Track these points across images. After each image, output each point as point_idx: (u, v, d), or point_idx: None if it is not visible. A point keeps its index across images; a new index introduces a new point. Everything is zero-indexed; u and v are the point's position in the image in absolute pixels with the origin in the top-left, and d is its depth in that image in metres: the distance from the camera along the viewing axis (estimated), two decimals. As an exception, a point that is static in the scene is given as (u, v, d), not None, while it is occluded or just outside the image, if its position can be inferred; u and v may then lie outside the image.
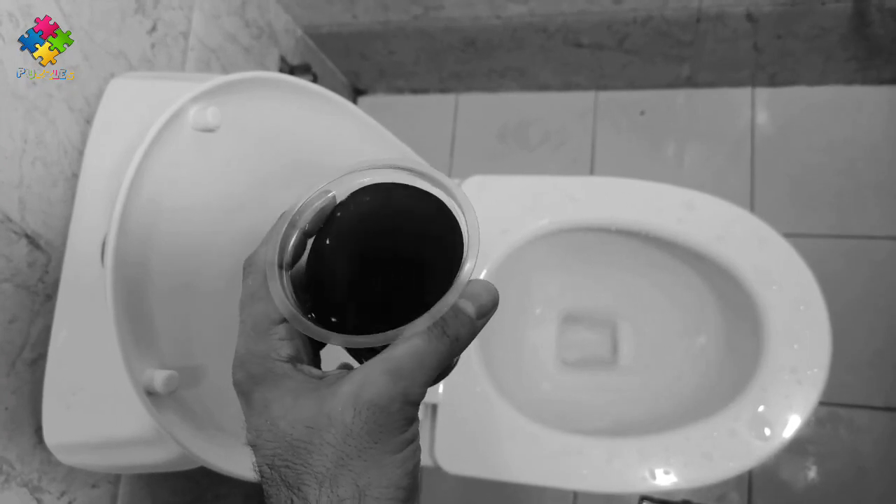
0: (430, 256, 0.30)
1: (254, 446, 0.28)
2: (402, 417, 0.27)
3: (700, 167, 1.19)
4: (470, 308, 0.28)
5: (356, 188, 0.32)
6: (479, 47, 1.12)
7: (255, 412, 0.28)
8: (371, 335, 0.27)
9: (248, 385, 0.29)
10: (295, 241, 0.31)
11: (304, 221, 0.31)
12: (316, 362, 0.32)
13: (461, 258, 0.28)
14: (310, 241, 0.32)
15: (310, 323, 0.28)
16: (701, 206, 0.76)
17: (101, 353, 0.49)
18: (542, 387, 0.90)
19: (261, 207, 0.56)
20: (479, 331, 0.29)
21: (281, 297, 0.29)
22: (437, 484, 1.15)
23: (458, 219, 0.30)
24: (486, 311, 0.29)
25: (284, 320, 0.29)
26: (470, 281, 0.28)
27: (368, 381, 0.27)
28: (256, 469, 0.28)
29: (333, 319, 0.30)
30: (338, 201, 0.32)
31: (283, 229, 0.31)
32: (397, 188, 0.32)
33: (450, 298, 0.27)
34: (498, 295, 0.30)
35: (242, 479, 0.50)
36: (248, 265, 0.31)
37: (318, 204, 0.32)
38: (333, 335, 0.28)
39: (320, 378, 0.29)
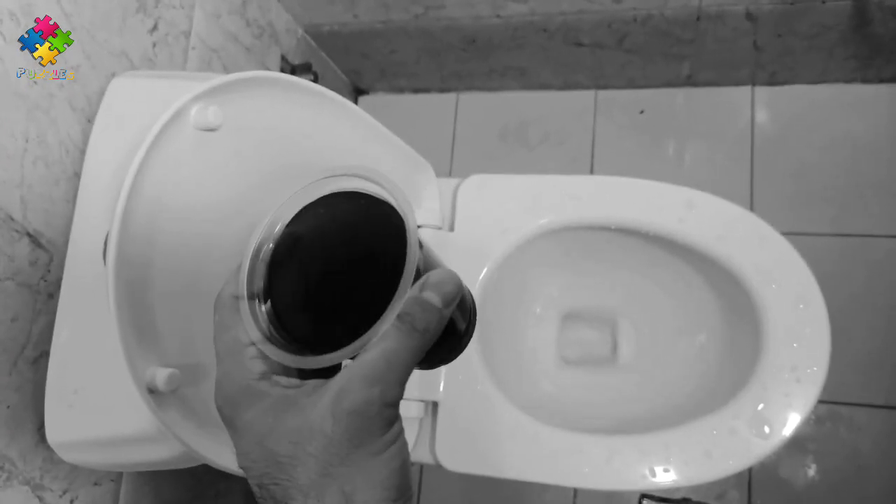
0: (380, 257, 0.30)
1: (245, 469, 0.29)
2: (381, 420, 0.27)
3: (700, 166, 1.19)
4: (435, 298, 0.28)
5: (300, 207, 0.33)
6: (479, 46, 1.12)
7: (240, 435, 0.29)
8: (337, 351, 0.28)
9: (229, 410, 0.29)
10: (260, 272, 0.32)
11: (267, 251, 0.32)
12: (295, 373, 0.31)
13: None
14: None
15: (275, 348, 0.29)
16: (701, 205, 0.76)
17: (103, 352, 0.49)
18: (543, 385, 0.91)
19: (263, 206, 0.56)
20: (447, 319, 0.29)
21: (251, 324, 0.30)
22: (438, 482, 1.15)
23: (399, 212, 0.30)
24: (451, 298, 0.29)
25: (254, 343, 0.30)
26: (432, 272, 0.29)
27: (345, 389, 0.27)
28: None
29: (305, 340, 0.30)
30: (286, 223, 0.33)
31: (248, 261, 0.31)
32: (334, 198, 0.32)
33: (404, 292, 0.27)
34: (460, 280, 0.30)
35: (244, 476, 0.50)
36: (216, 304, 0.32)
37: (276, 231, 0.33)
38: (300, 359, 0.28)
39: (298, 387, 0.29)
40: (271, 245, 0.32)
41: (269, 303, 0.32)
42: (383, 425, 0.28)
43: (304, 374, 0.30)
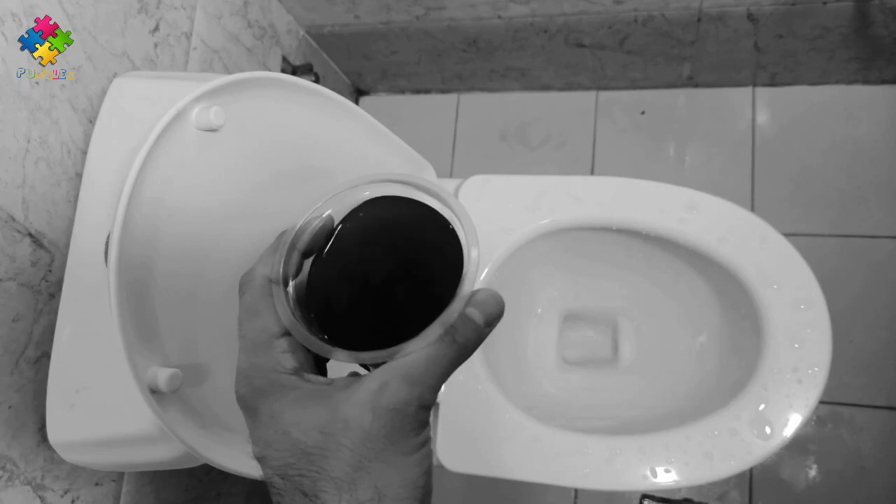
0: (429, 267, 0.31)
1: (261, 458, 0.29)
2: (416, 421, 0.28)
3: (701, 167, 1.19)
4: (478, 316, 0.29)
5: (353, 205, 0.33)
6: (480, 47, 1.12)
7: (262, 425, 0.29)
8: (379, 351, 0.28)
9: (253, 399, 0.29)
10: (294, 260, 0.32)
11: (303, 242, 0.32)
12: (320, 371, 0.32)
13: (461, 267, 0.29)
14: (307, 261, 0.33)
15: (314, 338, 0.29)
16: (702, 206, 0.76)
17: (105, 352, 0.49)
18: (544, 385, 0.91)
19: (264, 207, 0.56)
20: (485, 338, 0.30)
21: (287, 312, 0.29)
22: (440, 482, 1.15)
23: (456, 228, 0.30)
24: (493, 319, 0.30)
25: (285, 334, 0.30)
26: (477, 290, 0.29)
27: (386, 386, 0.27)
28: (265, 479, 0.29)
29: (336, 335, 0.30)
30: (336, 219, 0.33)
31: (286, 248, 0.31)
32: (392, 202, 0.32)
33: (457, 307, 0.28)
34: (503, 303, 0.30)
35: (245, 476, 0.50)
36: (245, 282, 0.31)
37: (316, 224, 0.32)
38: (341, 352, 0.28)
39: (329, 384, 0.29)
40: (309, 238, 0.32)
41: (298, 294, 0.32)
42: (417, 426, 0.28)
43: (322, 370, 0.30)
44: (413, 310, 0.30)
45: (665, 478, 0.70)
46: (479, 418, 0.75)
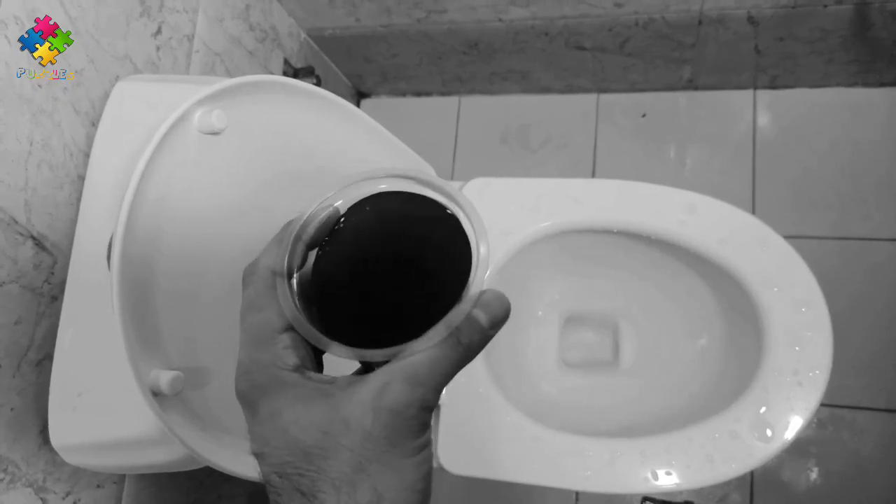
0: (435, 265, 0.30)
1: (259, 455, 0.28)
2: (417, 423, 0.27)
3: (701, 169, 1.19)
4: (483, 318, 0.28)
5: (359, 198, 0.32)
6: (481, 50, 1.12)
7: (261, 421, 0.28)
8: (382, 349, 0.27)
9: (253, 395, 0.29)
10: (299, 251, 0.31)
11: (308, 234, 0.31)
12: (320, 370, 0.31)
13: (468, 267, 0.28)
14: (312, 254, 0.32)
15: (320, 334, 0.28)
16: (703, 209, 0.76)
17: (107, 355, 0.49)
18: (544, 388, 0.91)
19: (266, 210, 0.56)
20: (489, 341, 0.29)
21: (290, 306, 0.29)
22: (440, 485, 1.15)
23: (464, 227, 0.30)
24: (499, 321, 0.29)
25: (288, 329, 0.29)
26: (483, 291, 0.29)
27: (388, 386, 0.27)
28: (262, 478, 0.28)
29: (339, 329, 0.30)
30: (342, 212, 0.32)
31: (291, 240, 0.30)
32: (401, 197, 0.32)
33: (464, 308, 0.27)
34: (510, 305, 0.29)
35: (247, 479, 0.50)
36: (249, 274, 0.31)
37: (323, 216, 0.31)
38: (344, 348, 0.28)
39: (330, 383, 0.28)
40: (314, 229, 0.31)
41: (303, 287, 0.31)
42: (418, 429, 0.27)
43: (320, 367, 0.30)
44: (418, 308, 0.29)
45: (666, 480, 0.70)
46: (480, 420, 0.75)
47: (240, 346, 0.30)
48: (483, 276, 0.28)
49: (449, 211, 0.30)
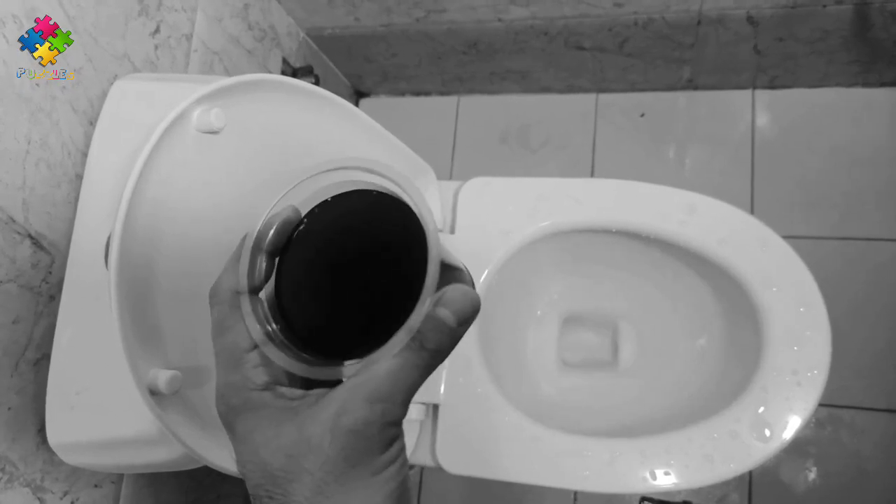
0: (398, 265, 0.28)
1: (242, 475, 0.28)
2: (381, 440, 0.26)
3: (701, 169, 1.19)
4: (449, 316, 0.27)
5: (316, 199, 0.31)
6: (480, 50, 1.12)
7: (239, 442, 0.28)
8: (341, 366, 0.27)
9: (229, 416, 0.28)
10: (262, 263, 0.30)
11: (269, 242, 0.30)
12: (298, 380, 0.30)
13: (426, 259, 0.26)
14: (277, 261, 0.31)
15: (282, 354, 0.27)
16: (702, 209, 0.76)
17: (105, 354, 0.49)
18: (543, 388, 0.91)
19: (265, 209, 0.56)
20: (460, 338, 0.28)
21: (254, 325, 0.28)
22: (439, 484, 1.15)
23: (421, 221, 0.27)
24: (467, 317, 0.27)
25: (256, 346, 0.28)
26: (446, 288, 0.27)
27: (346, 406, 0.26)
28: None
29: (310, 339, 0.29)
30: (300, 213, 0.31)
31: (248, 253, 0.29)
32: (356, 195, 0.30)
33: (422, 310, 0.25)
34: (479, 300, 0.28)
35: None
36: (213, 295, 0.30)
37: (281, 220, 0.30)
38: (306, 368, 0.27)
39: (302, 398, 0.28)
40: (274, 236, 0.30)
41: (270, 298, 0.30)
42: (383, 445, 0.27)
43: (309, 382, 0.29)
44: (384, 309, 0.27)
45: (665, 480, 0.70)
46: (479, 420, 0.75)
47: (215, 368, 0.29)
48: (434, 273, 0.25)
49: (406, 204, 0.28)
